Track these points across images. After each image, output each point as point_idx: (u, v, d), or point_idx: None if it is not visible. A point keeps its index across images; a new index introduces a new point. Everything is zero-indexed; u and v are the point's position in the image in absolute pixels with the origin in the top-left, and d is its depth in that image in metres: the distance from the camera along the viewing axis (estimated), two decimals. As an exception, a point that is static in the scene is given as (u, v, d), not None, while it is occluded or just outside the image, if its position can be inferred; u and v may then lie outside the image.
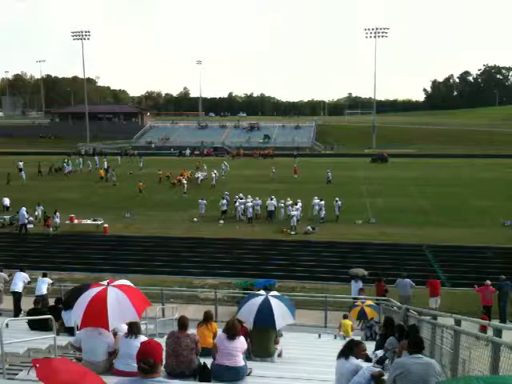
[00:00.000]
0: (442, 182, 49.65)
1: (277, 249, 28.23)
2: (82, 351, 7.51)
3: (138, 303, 7.07)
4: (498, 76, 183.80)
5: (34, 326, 12.15)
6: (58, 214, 32.49)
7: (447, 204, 38.85)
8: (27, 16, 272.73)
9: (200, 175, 52.19)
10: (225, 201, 35.31)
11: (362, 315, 14.74)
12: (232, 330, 7.71)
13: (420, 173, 57.10)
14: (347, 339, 8.48)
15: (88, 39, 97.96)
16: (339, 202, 34.31)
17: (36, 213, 33.98)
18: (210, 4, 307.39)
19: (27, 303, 15.88)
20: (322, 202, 34.28)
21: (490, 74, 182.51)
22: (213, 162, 64.21)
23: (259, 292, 10.09)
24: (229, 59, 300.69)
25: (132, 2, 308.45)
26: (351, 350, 6.88)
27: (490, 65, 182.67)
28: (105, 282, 7.29)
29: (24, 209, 31.88)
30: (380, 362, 7.78)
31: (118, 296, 6.99)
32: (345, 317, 15.22)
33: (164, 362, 7.25)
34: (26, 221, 31.86)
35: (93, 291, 7.17)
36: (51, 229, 31.32)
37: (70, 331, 11.01)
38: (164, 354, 7.34)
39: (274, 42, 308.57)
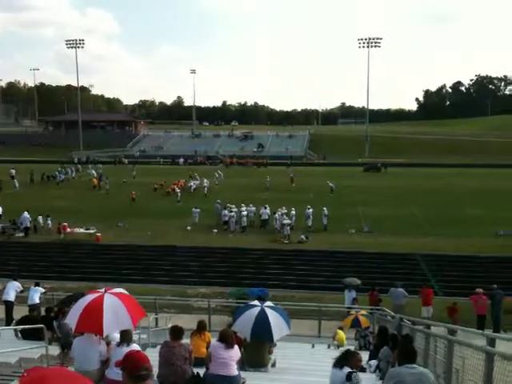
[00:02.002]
0: (435, 192, 49.82)
1: (270, 258, 28.18)
2: (75, 360, 7.46)
3: (134, 312, 7.04)
4: (490, 86, 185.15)
5: (26, 334, 12.07)
6: (49, 218, 33.70)
7: (440, 213, 38.95)
8: (22, 24, 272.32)
9: (193, 184, 52.20)
10: (226, 211, 35.10)
11: (355, 324, 14.73)
12: (227, 339, 7.67)
13: (413, 182, 57.30)
14: (341, 349, 8.48)
15: (82, 47, 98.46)
16: (325, 212, 34.40)
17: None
18: (206, 13, 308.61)
19: (19, 312, 15.76)
20: (310, 211, 34.40)
21: (482, 84, 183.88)
22: (206, 171, 64.20)
23: (254, 303, 10.01)
24: (222, 68, 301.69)
25: (126, 11, 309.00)
26: (346, 359, 6.87)
27: (482, 75, 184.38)
28: (102, 289, 7.25)
29: (26, 212, 33.09)
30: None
31: (115, 303, 6.95)
32: (341, 328, 15.17)
33: (157, 371, 7.22)
34: (29, 224, 32.93)
35: (89, 297, 7.13)
36: (62, 235, 31.91)
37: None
38: (157, 363, 7.33)
39: (268, 51, 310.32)
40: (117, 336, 7.52)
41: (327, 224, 34.19)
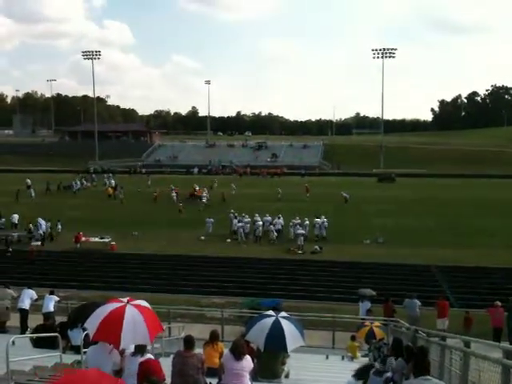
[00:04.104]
0: (450, 202, 49.40)
1: (284, 268, 28.11)
2: (88, 368, 7.47)
3: (152, 327, 6.97)
4: (506, 96, 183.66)
5: (40, 343, 12.13)
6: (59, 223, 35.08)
7: (455, 224, 38.60)
8: (39, 35, 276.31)
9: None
10: (236, 221, 35.15)
11: (370, 335, 14.56)
12: (239, 350, 7.64)
13: (427, 193, 56.88)
14: (355, 361, 8.43)
15: (98, 59, 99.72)
16: (325, 223, 34.41)
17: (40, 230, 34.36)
18: (220, 24, 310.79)
19: (34, 320, 15.88)
20: (318, 220, 34.53)
21: (498, 94, 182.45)
22: (220, 181, 64.40)
23: (268, 313, 9.96)
24: (237, 78, 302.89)
25: (141, 22, 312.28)
26: (366, 373, 6.86)
27: (497, 85, 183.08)
28: (124, 300, 7.24)
29: (41, 219, 34.15)
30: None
31: (135, 317, 6.90)
32: (353, 338, 15.05)
33: (170, 381, 7.21)
34: (45, 229, 33.95)
35: (111, 306, 7.10)
36: (78, 245, 32.07)
37: (77, 349, 10.96)
38: (170, 373, 7.32)
39: (282, 61, 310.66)
40: (132, 346, 7.54)
41: (327, 235, 34.25)
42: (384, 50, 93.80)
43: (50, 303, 16.80)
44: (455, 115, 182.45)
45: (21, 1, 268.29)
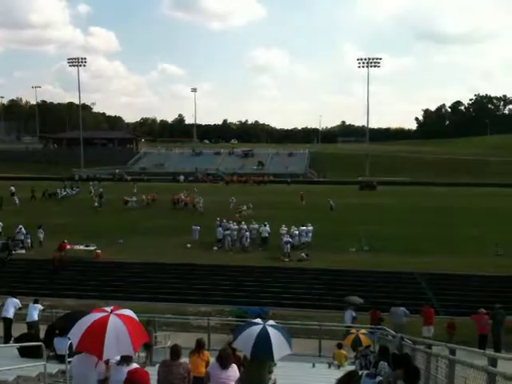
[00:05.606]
0: (434, 210, 49.75)
1: (270, 276, 28.07)
2: (73, 378, 7.40)
3: (136, 337, 6.89)
4: (490, 106, 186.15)
5: (25, 352, 11.99)
6: (41, 230, 34.38)
7: (439, 232, 38.80)
8: (25, 42, 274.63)
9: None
10: (220, 229, 35.09)
11: (356, 343, 14.60)
12: (225, 359, 7.61)
13: (411, 201, 57.27)
14: (342, 369, 8.44)
15: (84, 66, 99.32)
16: (296, 231, 34.59)
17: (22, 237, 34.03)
18: (206, 32, 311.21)
19: (18, 330, 15.68)
20: (303, 228, 34.61)
21: (482, 103, 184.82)
22: (205, 189, 64.30)
23: (256, 321, 9.93)
24: (224, 86, 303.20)
25: (127, 30, 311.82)
26: (348, 381, 6.86)
27: (481, 94, 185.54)
28: (108, 309, 7.17)
29: (21, 226, 34.00)
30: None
31: (118, 327, 6.82)
32: (339, 346, 15.07)
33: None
34: (22, 237, 33.63)
35: (94, 316, 7.02)
36: (62, 252, 31.23)
37: (61, 359, 10.86)
38: (156, 383, 7.27)
39: (269, 69, 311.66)
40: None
41: (311, 243, 34.23)
42: (369, 59, 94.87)
43: (34, 312, 16.62)
44: (439, 124, 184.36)
45: (5, 7, 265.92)
